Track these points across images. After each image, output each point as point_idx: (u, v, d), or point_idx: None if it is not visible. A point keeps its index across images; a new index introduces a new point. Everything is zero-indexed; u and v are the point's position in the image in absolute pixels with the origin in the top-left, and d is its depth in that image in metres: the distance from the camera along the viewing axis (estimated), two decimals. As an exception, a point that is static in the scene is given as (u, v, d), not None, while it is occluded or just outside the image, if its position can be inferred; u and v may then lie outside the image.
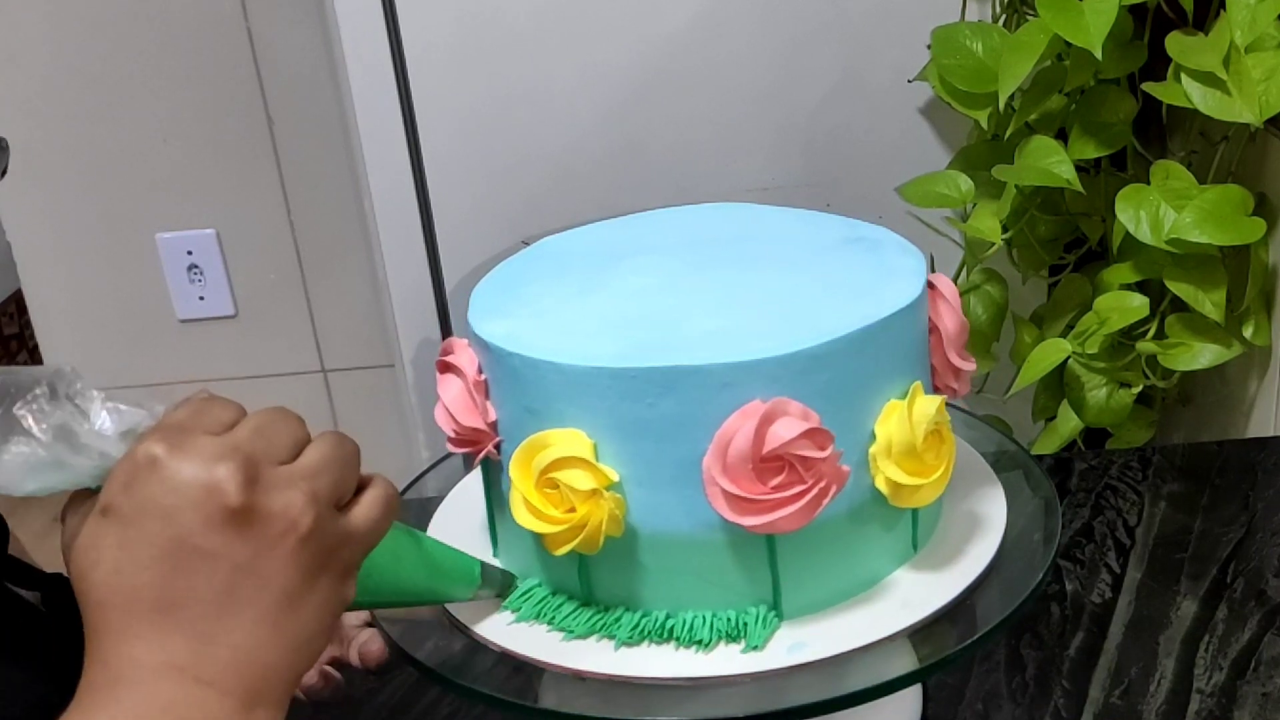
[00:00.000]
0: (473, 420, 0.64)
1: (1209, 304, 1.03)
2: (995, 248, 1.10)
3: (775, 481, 0.58)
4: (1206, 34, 1.01)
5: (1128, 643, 0.82)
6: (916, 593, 0.64)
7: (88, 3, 1.52)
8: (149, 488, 0.47)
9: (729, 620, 0.62)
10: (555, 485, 0.60)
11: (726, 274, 0.69)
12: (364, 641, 0.72)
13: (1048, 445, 1.17)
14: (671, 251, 0.71)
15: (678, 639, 0.62)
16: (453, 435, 0.66)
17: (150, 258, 1.65)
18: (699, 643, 0.61)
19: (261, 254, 1.65)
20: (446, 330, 1.33)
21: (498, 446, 0.65)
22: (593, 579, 0.63)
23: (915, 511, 0.65)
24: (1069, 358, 1.11)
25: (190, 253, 1.65)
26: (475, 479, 0.76)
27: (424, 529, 0.74)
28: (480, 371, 0.64)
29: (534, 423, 0.61)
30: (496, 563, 0.69)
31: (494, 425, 0.65)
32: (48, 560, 0.72)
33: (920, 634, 0.62)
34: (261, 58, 1.55)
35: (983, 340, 1.18)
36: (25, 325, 1.76)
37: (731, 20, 1.20)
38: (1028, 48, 1.03)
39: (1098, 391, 1.13)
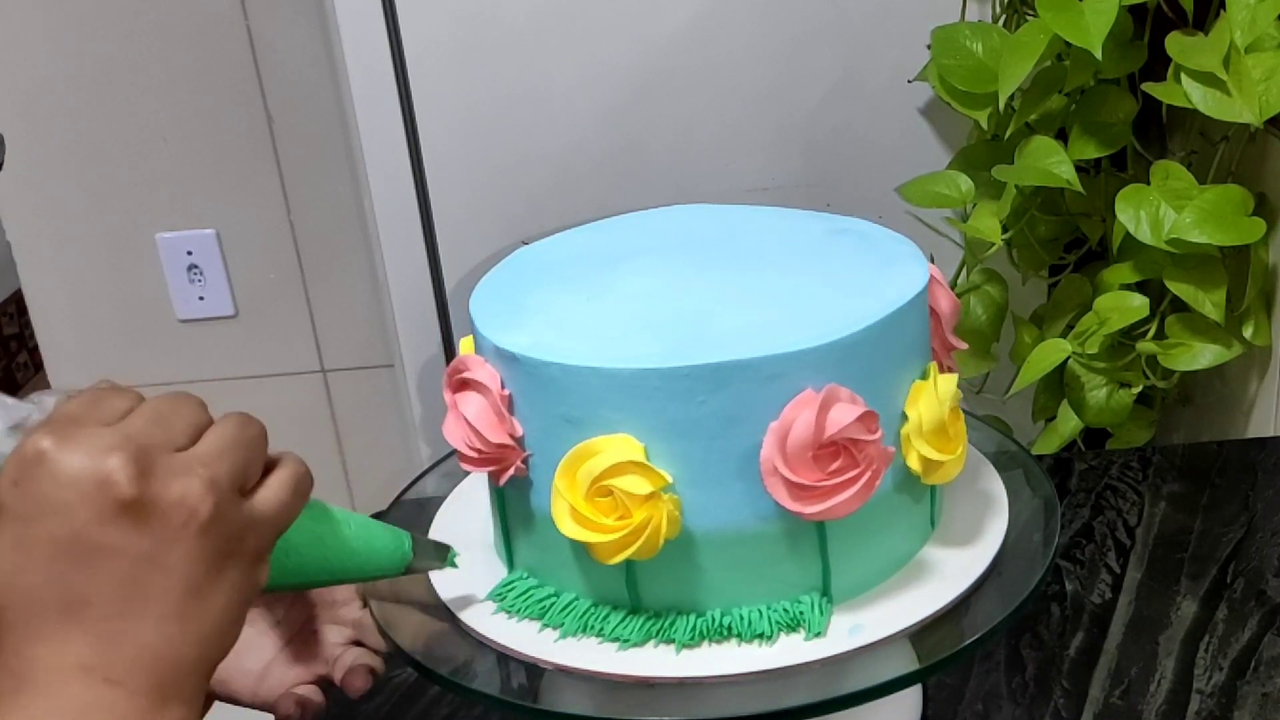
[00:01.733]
0: (500, 437, 0.62)
1: (1209, 304, 1.03)
2: (995, 248, 1.10)
3: (833, 467, 0.59)
4: (1206, 34, 1.01)
5: (1128, 643, 0.82)
6: (948, 568, 0.66)
7: (87, 2, 1.52)
8: (39, 483, 0.46)
9: (785, 611, 0.62)
10: (608, 493, 0.59)
11: (728, 273, 0.69)
12: (348, 672, 0.69)
13: (1048, 445, 1.17)
14: (663, 253, 0.71)
15: (739, 635, 0.62)
16: (475, 455, 0.64)
17: (150, 258, 1.65)
18: (760, 636, 0.62)
19: (261, 254, 1.65)
20: (446, 330, 1.33)
21: (525, 461, 0.63)
22: (640, 585, 0.63)
23: (933, 490, 0.67)
24: (1069, 358, 1.11)
25: (190, 253, 1.65)
26: (475, 481, 0.76)
27: (425, 530, 0.73)
28: (503, 385, 0.63)
29: (574, 432, 0.60)
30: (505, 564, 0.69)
31: (520, 440, 0.63)
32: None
33: (920, 634, 0.62)
34: (261, 58, 1.55)
35: (983, 340, 1.18)
36: (25, 325, 1.76)
37: (731, 20, 1.20)
38: (1028, 48, 1.03)
39: (1098, 391, 1.13)
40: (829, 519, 0.60)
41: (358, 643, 0.71)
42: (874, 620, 0.63)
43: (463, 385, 0.64)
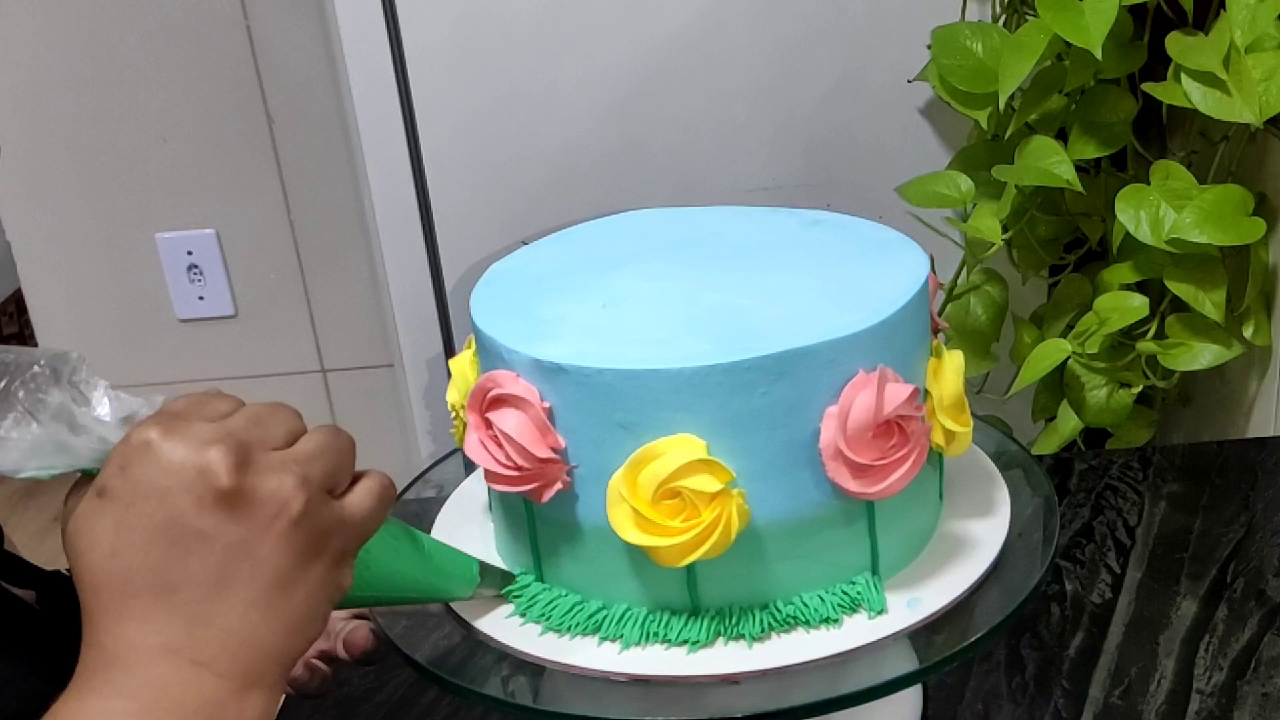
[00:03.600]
0: (544, 451, 0.61)
1: (1209, 304, 1.03)
2: (995, 248, 1.10)
3: (890, 445, 0.60)
4: (1206, 34, 1.01)
5: (1128, 643, 0.82)
6: (972, 539, 0.68)
7: (87, 2, 1.52)
8: (143, 470, 0.48)
9: (844, 593, 0.63)
10: (675, 495, 0.58)
11: (727, 272, 0.69)
12: (349, 631, 0.72)
13: (1048, 445, 1.17)
14: (649, 258, 0.71)
15: (806, 623, 0.62)
16: (514, 474, 0.62)
17: (150, 258, 1.65)
18: (827, 621, 0.62)
19: (261, 254, 1.65)
20: (447, 330, 1.33)
21: (569, 474, 0.62)
22: (700, 586, 0.62)
23: (942, 465, 0.69)
24: (1069, 358, 1.11)
25: (190, 253, 1.65)
26: (475, 481, 0.76)
27: (426, 530, 0.73)
28: (541, 399, 0.62)
29: (629, 438, 0.59)
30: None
31: (563, 454, 0.62)
32: (47, 559, 0.72)
33: (920, 634, 0.62)
34: (261, 58, 1.55)
35: (983, 340, 1.18)
36: (25, 325, 1.76)
37: (731, 20, 1.21)
38: (1028, 48, 1.03)
39: (1098, 391, 1.13)
40: (887, 496, 0.61)
41: (360, 616, 0.73)
42: (927, 593, 0.64)
43: (495, 403, 0.62)
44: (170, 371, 1.70)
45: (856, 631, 0.62)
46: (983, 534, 0.68)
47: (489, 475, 0.63)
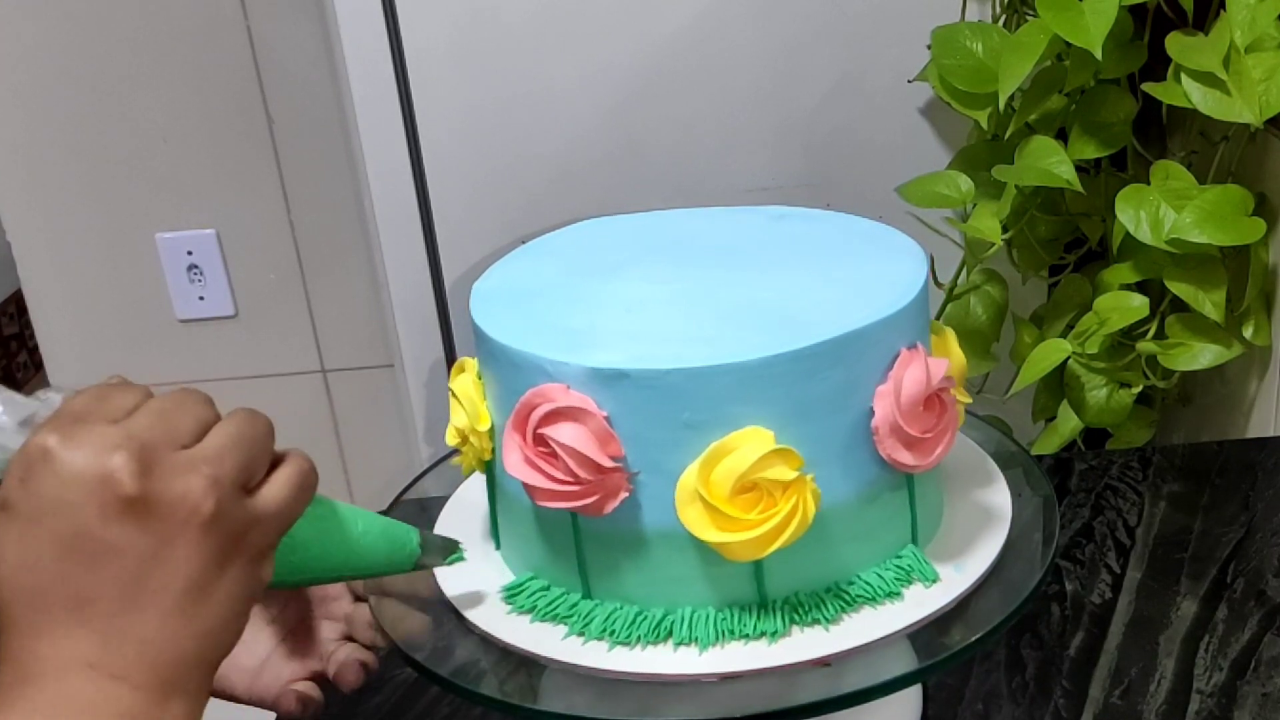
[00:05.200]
0: (607, 461, 0.60)
1: (1209, 304, 1.03)
2: (995, 248, 1.10)
3: (934, 416, 0.63)
4: (1206, 34, 1.01)
5: (1128, 643, 0.82)
6: (981, 517, 0.70)
7: (87, 2, 1.52)
8: (44, 481, 0.46)
9: (896, 566, 0.65)
10: (751, 488, 0.59)
11: (731, 271, 0.69)
12: (340, 663, 0.69)
13: (1048, 445, 1.17)
14: (645, 261, 0.71)
15: (872, 601, 0.63)
16: (574, 488, 0.60)
17: (150, 258, 1.65)
18: (891, 595, 0.63)
19: (261, 254, 1.65)
20: (447, 330, 1.32)
21: (631, 481, 0.61)
22: (767, 577, 0.62)
23: None
24: (1069, 358, 1.11)
25: (190, 253, 1.65)
26: (476, 481, 0.75)
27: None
28: (599, 407, 0.60)
29: (697, 437, 0.59)
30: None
31: (624, 462, 0.61)
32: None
33: (920, 634, 0.62)
34: (261, 58, 1.55)
35: (983, 340, 1.18)
36: (25, 325, 1.76)
37: (731, 20, 1.21)
38: (1028, 48, 1.03)
39: (1098, 391, 1.13)
40: (934, 467, 0.63)
41: (349, 637, 0.71)
42: (966, 559, 0.66)
43: (548, 419, 0.60)
44: (170, 372, 1.69)
45: (921, 601, 0.63)
46: (989, 515, 0.69)
47: (539, 493, 0.61)
